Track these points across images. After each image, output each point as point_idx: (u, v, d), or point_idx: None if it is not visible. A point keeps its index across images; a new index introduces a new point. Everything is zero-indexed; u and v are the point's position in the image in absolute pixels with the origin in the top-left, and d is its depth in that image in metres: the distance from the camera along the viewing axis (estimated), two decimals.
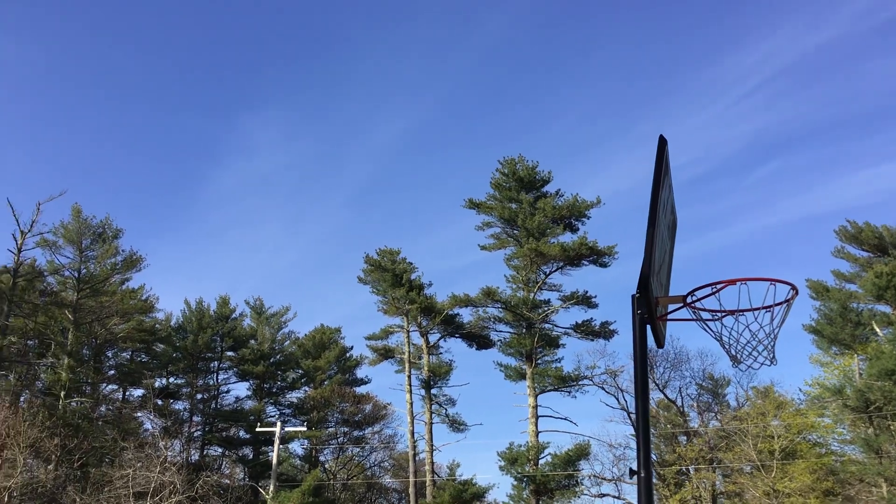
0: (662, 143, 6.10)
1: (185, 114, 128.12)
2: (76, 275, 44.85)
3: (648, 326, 6.36)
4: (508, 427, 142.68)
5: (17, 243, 40.86)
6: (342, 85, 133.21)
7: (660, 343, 6.86)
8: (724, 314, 6.24)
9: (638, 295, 6.21)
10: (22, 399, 43.68)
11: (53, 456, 36.11)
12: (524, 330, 50.82)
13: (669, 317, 6.73)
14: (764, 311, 6.17)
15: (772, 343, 6.27)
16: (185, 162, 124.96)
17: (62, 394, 42.08)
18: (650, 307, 6.23)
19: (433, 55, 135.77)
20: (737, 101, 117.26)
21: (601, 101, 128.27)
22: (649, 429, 6.25)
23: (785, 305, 6.19)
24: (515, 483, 50.29)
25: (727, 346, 6.33)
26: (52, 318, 44.84)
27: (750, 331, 6.21)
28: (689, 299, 6.38)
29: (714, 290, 6.17)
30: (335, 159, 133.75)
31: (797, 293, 6.23)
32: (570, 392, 50.46)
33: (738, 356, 6.34)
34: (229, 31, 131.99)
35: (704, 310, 6.33)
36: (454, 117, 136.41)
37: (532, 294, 51.02)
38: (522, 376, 50.06)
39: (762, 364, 6.32)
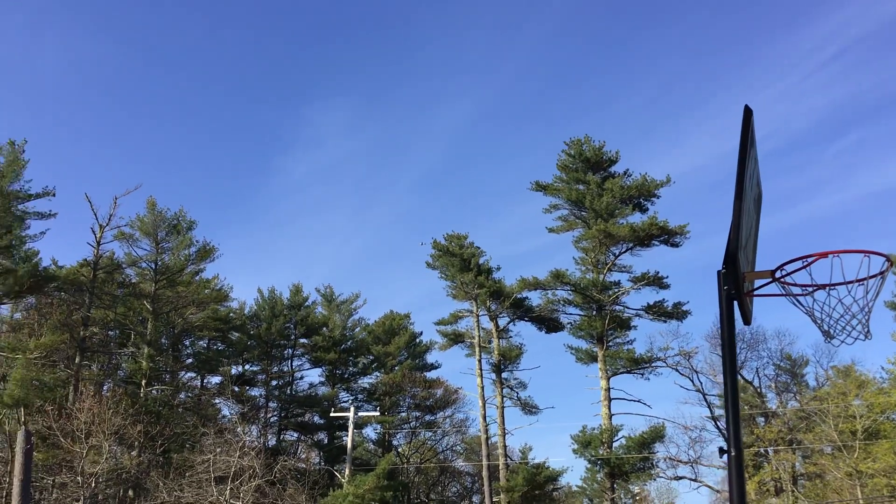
0: (748, 113, 5.90)
1: (252, 106, 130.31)
2: (153, 266, 45.95)
3: (735, 303, 6.19)
4: (581, 410, 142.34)
5: (96, 237, 42.06)
6: (407, 70, 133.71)
7: (747, 320, 6.67)
8: (815, 288, 6.04)
9: (724, 270, 6.05)
10: (105, 388, 45.08)
11: (137, 442, 37.20)
12: (594, 312, 50.37)
13: (757, 292, 6.55)
14: (857, 284, 5.95)
15: (866, 317, 6.05)
16: (254, 153, 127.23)
17: (143, 382, 43.31)
18: (737, 283, 6.06)
19: (499, 35, 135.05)
20: (814, 70, 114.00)
21: (671, 77, 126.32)
22: (738, 406, 6.10)
23: (879, 278, 5.96)
24: (589, 466, 50.15)
25: (819, 321, 6.13)
26: (132, 308, 46.11)
27: (843, 305, 6.00)
28: (777, 274, 6.19)
29: (805, 263, 5.97)
30: (401, 145, 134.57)
31: (892, 265, 5.99)
32: (642, 374, 49.99)
33: (831, 331, 6.13)
34: (293, 20, 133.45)
35: (794, 284, 6.13)
36: (520, 98, 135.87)
37: (602, 276, 50.51)
38: (594, 359, 49.69)
39: (856, 339, 6.12)
